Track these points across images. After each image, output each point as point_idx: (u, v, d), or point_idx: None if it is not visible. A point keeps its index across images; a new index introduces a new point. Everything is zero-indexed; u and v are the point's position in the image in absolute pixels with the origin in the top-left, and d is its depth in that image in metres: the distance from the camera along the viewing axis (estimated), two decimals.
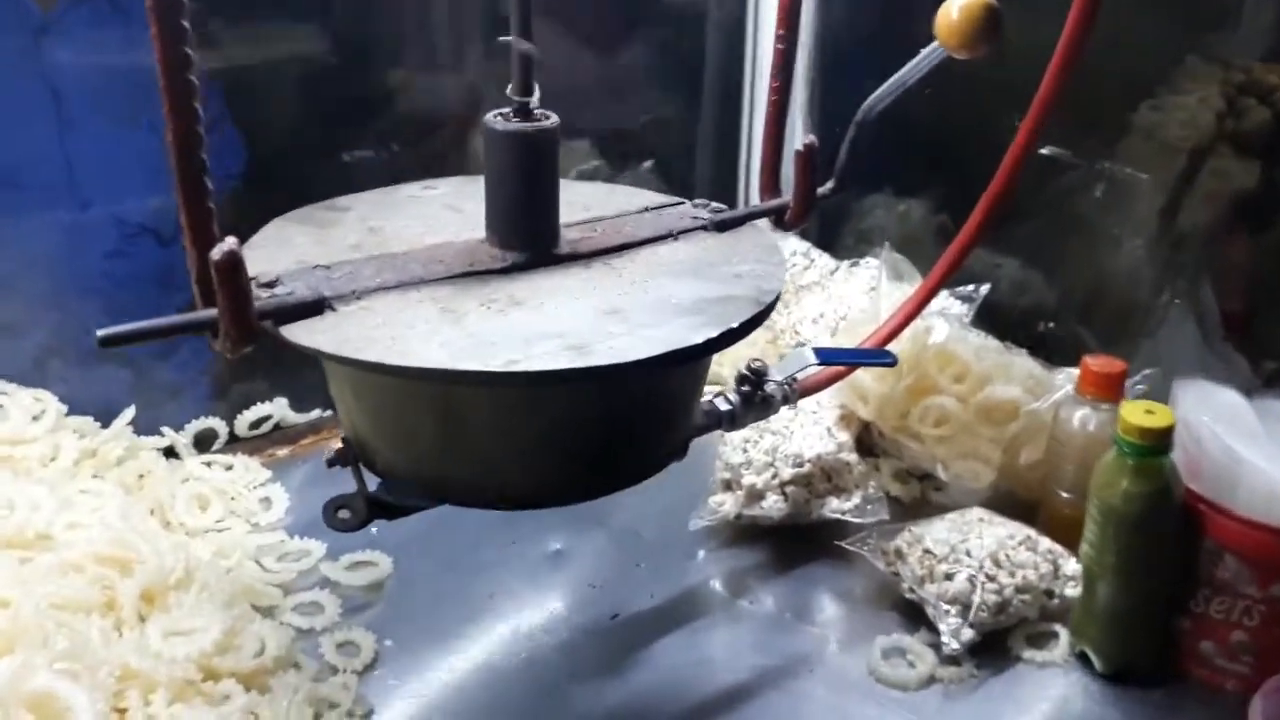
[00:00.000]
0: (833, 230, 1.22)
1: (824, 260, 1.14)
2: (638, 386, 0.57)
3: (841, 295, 1.06)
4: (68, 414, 0.87)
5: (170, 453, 0.93)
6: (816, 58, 1.21)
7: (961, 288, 1.00)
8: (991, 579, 0.78)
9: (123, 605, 0.66)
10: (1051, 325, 1.04)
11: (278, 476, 0.94)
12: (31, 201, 1.08)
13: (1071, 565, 0.81)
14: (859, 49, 1.19)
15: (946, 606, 0.78)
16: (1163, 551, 0.73)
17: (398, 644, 0.77)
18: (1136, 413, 0.71)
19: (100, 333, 0.49)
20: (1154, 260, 1.02)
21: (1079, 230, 1.07)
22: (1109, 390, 0.82)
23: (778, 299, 0.60)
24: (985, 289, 1.01)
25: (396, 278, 0.59)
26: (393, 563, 0.85)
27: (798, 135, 1.16)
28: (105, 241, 1.07)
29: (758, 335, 1.06)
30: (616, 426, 0.59)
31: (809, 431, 0.89)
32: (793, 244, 1.14)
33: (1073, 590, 0.80)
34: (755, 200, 0.75)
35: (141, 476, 0.86)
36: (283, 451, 0.99)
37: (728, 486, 0.90)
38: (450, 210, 0.70)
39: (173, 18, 0.45)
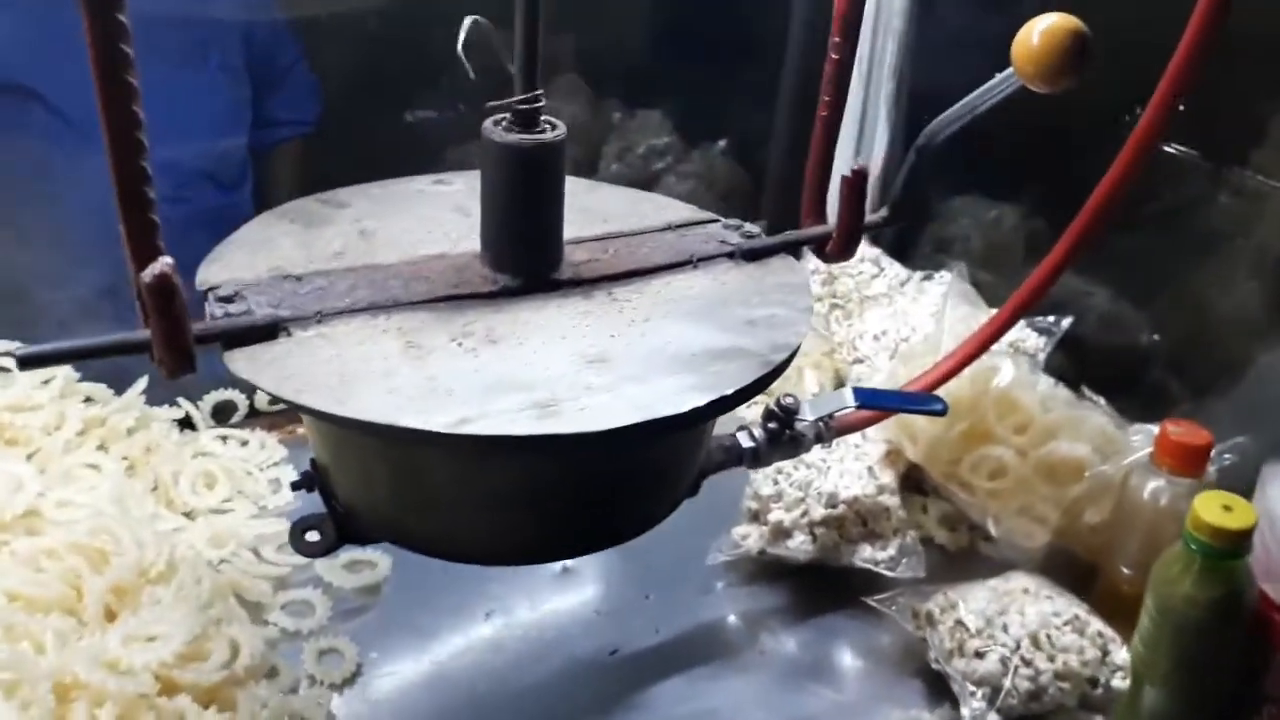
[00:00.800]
0: (909, 235, 1.12)
1: (895, 270, 1.05)
2: (614, 451, 0.51)
3: (908, 313, 0.97)
4: (83, 379, 0.84)
5: (187, 424, 0.90)
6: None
7: (1041, 318, 0.91)
8: (1028, 662, 0.70)
9: (87, 604, 0.64)
10: (1137, 369, 0.93)
11: (293, 456, 0.91)
12: (90, 146, 1.07)
13: (1123, 654, 0.72)
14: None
15: (973, 688, 0.70)
16: (1224, 661, 0.64)
17: (382, 657, 0.74)
18: (1213, 508, 0.61)
19: (17, 353, 0.44)
20: (1270, 305, 0.90)
21: (1190, 257, 0.96)
22: (1189, 465, 0.73)
23: (792, 356, 0.53)
24: (1067, 323, 0.91)
25: (369, 298, 0.53)
26: (391, 565, 0.81)
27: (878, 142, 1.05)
28: (162, 187, 1.06)
29: (813, 346, 1.00)
30: (590, 488, 0.53)
31: (848, 469, 0.82)
32: (863, 249, 1.05)
33: (1121, 682, 0.71)
34: (832, 202, 0.66)
35: (149, 449, 0.84)
36: (302, 428, 0.96)
37: (754, 518, 0.83)
38: (457, 213, 0.64)
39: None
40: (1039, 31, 0.51)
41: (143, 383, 0.86)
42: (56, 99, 1.08)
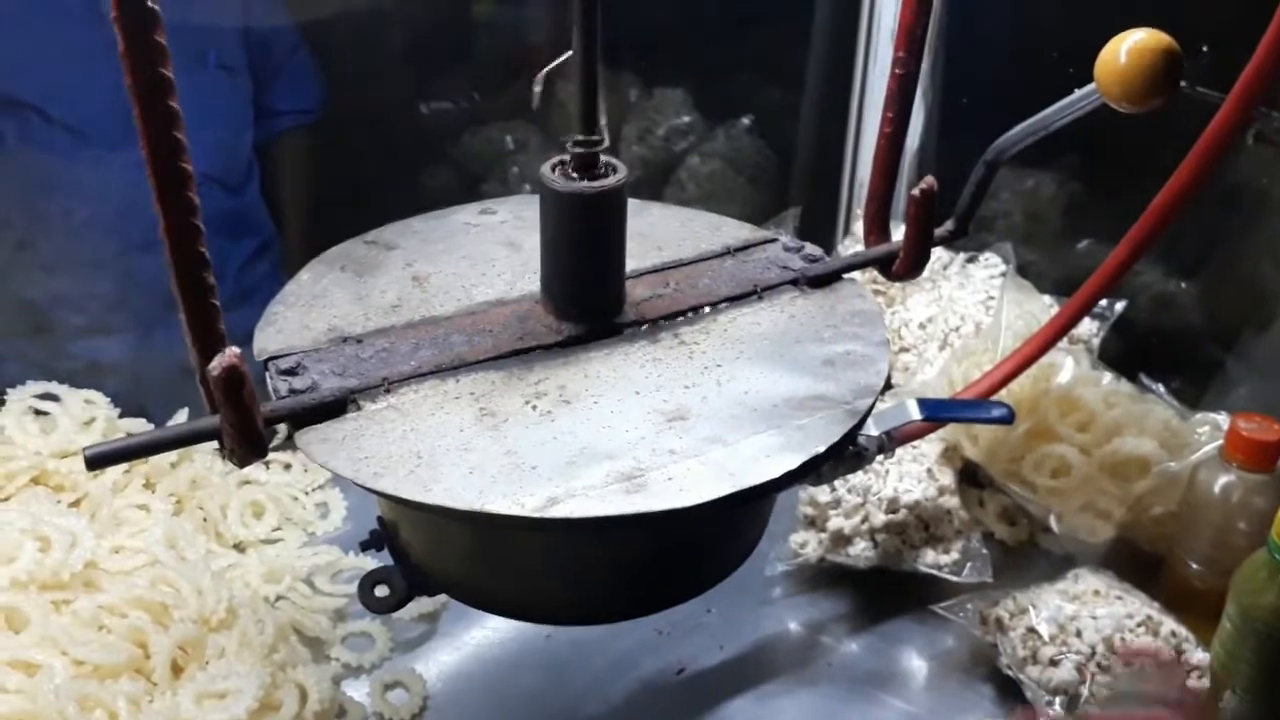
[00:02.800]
0: (949, 216, 1.09)
1: (936, 251, 1.02)
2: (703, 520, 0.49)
3: (954, 299, 0.95)
4: (123, 415, 0.83)
5: None
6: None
7: None
8: (1104, 669, 0.69)
9: (154, 667, 0.63)
10: (1193, 350, 0.91)
11: (338, 479, 0.89)
12: (94, 151, 1.04)
13: (1199, 655, 0.71)
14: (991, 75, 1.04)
15: (1049, 697, 0.70)
16: None
17: (445, 688, 0.73)
18: None
19: (87, 452, 0.43)
20: None
21: (1232, 218, 0.93)
22: (1261, 460, 0.71)
23: (876, 401, 0.51)
24: (1121, 306, 0.89)
25: (435, 359, 0.51)
26: None
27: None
28: None
29: None
30: (675, 551, 0.51)
31: (907, 471, 0.80)
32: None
33: (1196, 682, 0.70)
34: (862, 180, 0.63)
35: (195, 483, 0.83)
36: None
37: (811, 524, 0.82)
38: (507, 247, 0.62)
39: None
40: (1127, 50, 0.48)
41: (183, 415, 0.84)
42: (53, 109, 1.05)
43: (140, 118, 0.38)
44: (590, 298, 0.54)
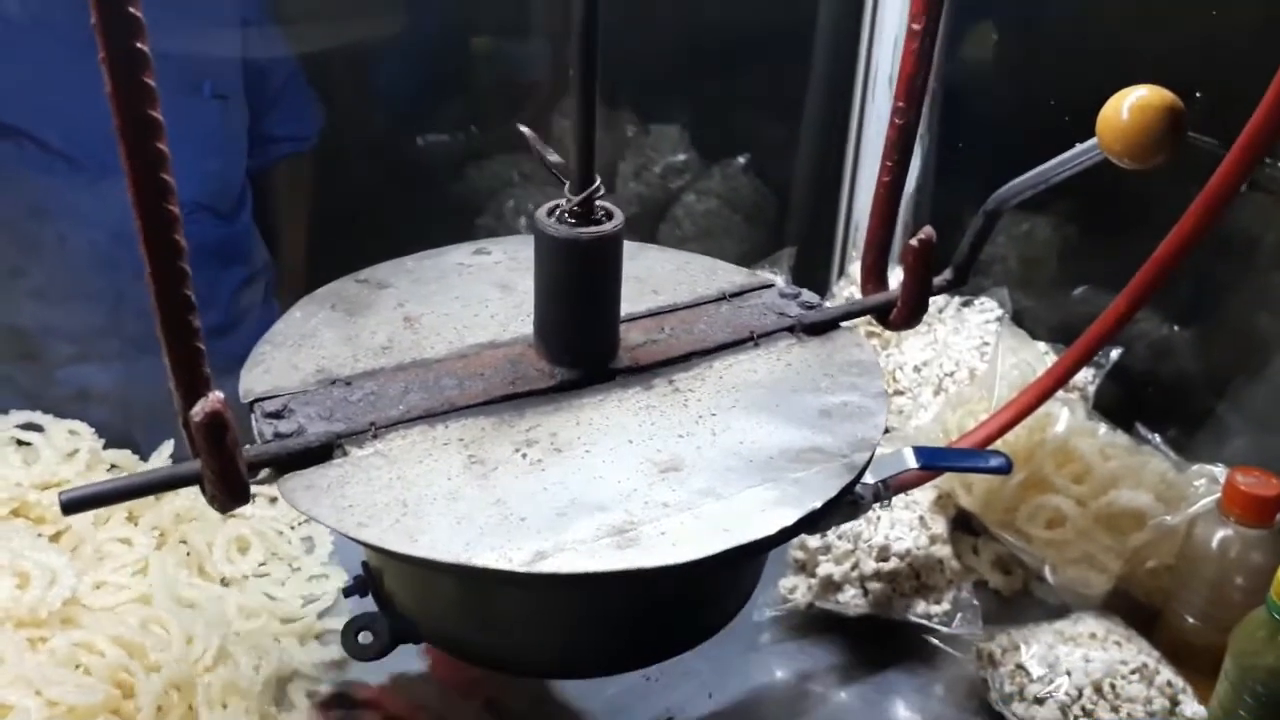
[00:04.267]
0: (944, 261, 1.09)
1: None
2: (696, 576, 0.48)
3: (949, 343, 0.94)
4: (107, 446, 0.82)
5: None
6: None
7: None
8: (1089, 713, 0.68)
9: (141, 706, 0.61)
10: (1189, 398, 0.90)
11: None
12: (82, 179, 1.04)
13: (1193, 706, 0.70)
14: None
15: None
16: None
17: None
18: None
19: (62, 497, 0.42)
20: None
21: (1228, 266, 0.92)
22: (1259, 515, 0.70)
23: (873, 455, 0.50)
24: (1116, 354, 0.88)
25: (424, 402, 0.51)
26: None
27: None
28: None
29: None
30: (668, 606, 0.50)
31: (899, 519, 0.79)
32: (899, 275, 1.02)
33: None
34: (859, 220, 0.63)
35: (178, 516, 0.81)
36: None
37: (801, 568, 0.81)
38: (500, 289, 0.61)
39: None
40: (1129, 106, 0.48)
41: (168, 447, 0.83)
42: (48, 136, 1.04)
43: (126, 160, 0.38)
44: (584, 343, 0.53)
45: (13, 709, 0.58)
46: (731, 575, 0.53)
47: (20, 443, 0.79)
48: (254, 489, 0.87)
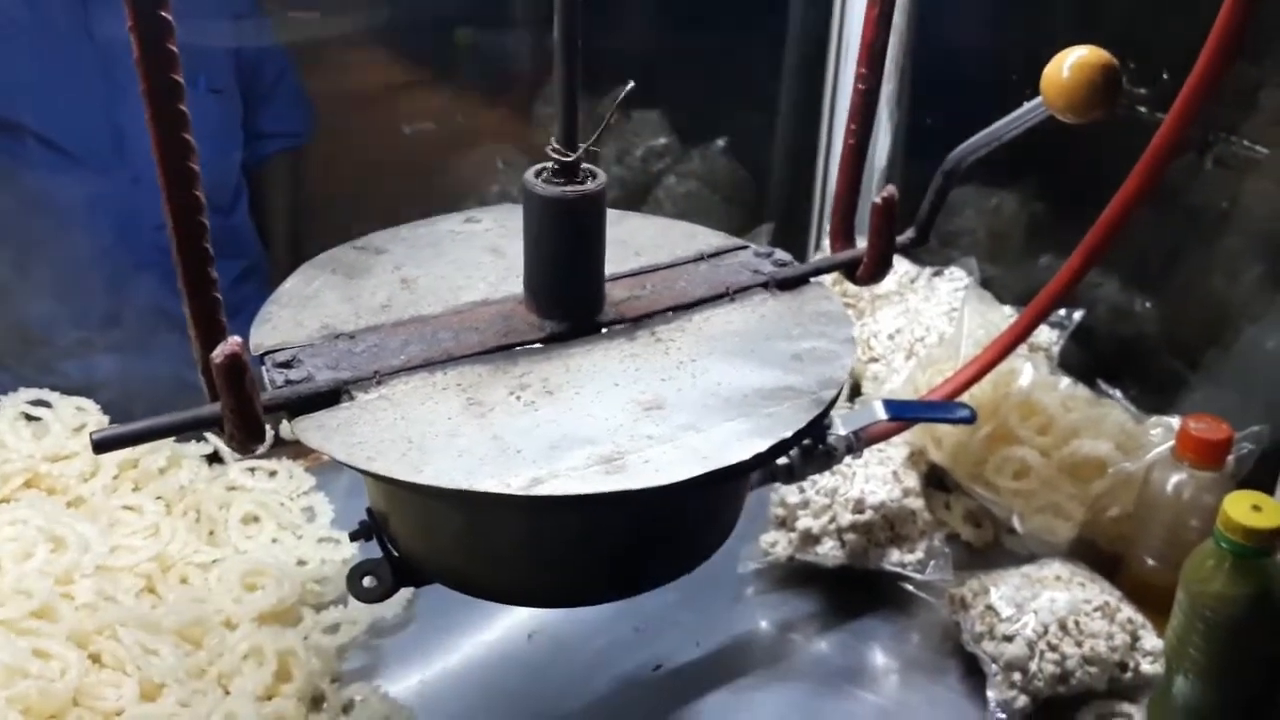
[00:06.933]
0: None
1: (904, 266, 1.06)
2: (679, 499, 0.52)
3: (920, 311, 0.98)
4: (113, 422, 0.85)
5: (215, 458, 0.91)
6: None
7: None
8: (1054, 647, 0.73)
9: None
10: (1148, 358, 0.95)
11: (322, 483, 0.92)
12: (84, 174, 1.07)
13: (1152, 640, 0.74)
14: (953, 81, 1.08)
15: (998, 672, 0.73)
16: (1254, 654, 0.66)
17: (428, 691, 0.75)
18: (1241, 508, 0.63)
19: (94, 435, 0.45)
20: (1272, 286, 0.92)
21: (1187, 234, 0.97)
22: (1210, 458, 0.75)
23: (840, 392, 0.54)
24: (1079, 315, 0.93)
25: (424, 353, 0.54)
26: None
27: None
28: (156, 214, 1.07)
29: None
30: (653, 531, 0.54)
31: (873, 474, 0.83)
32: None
33: (1150, 667, 0.74)
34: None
35: (182, 488, 0.84)
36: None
37: (782, 524, 0.85)
38: (491, 254, 0.65)
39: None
40: (1069, 65, 0.52)
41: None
42: (47, 131, 1.07)
43: (152, 119, 0.41)
44: (571, 297, 0.57)
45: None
46: (712, 504, 0.57)
47: (29, 418, 0.82)
48: (256, 463, 0.91)
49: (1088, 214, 0.74)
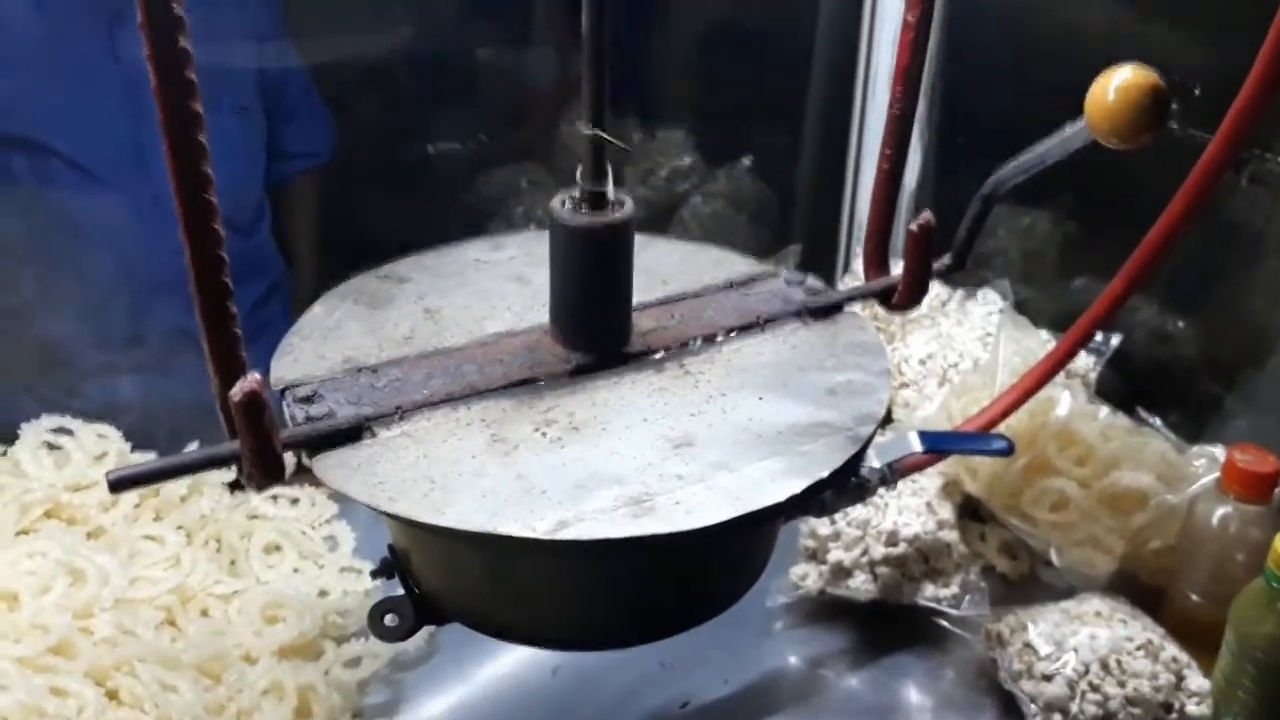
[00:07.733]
0: (947, 251, 1.11)
1: (935, 288, 1.04)
2: (710, 543, 0.50)
3: (953, 336, 0.96)
4: (134, 449, 0.84)
5: (236, 485, 0.90)
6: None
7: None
8: (1095, 688, 0.70)
9: None
10: (1189, 384, 0.92)
11: (344, 511, 0.90)
12: (108, 194, 1.06)
13: (1198, 680, 0.72)
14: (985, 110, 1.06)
15: (1038, 712, 0.70)
16: None
17: None
18: None
19: (110, 476, 0.44)
20: None
21: (1225, 255, 0.94)
22: (1257, 491, 0.72)
23: (878, 429, 0.52)
24: (1116, 340, 0.90)
25: (447, 387, 0.53)
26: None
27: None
28: (174, 238, 1.06)
29: None
30: (684, 575, 0.52)
31: (906, 505, 0.81)
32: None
33: (1196, 709, 0.71)
34: (862, 219, 0.65)
35: (204, 516, 0.83)
36: None
37: (812, 556, 0.83)
38: (516, 282, 0.63)
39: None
40: (1115, 88, 0.50)
41: (193, 446, 0.85)
42: (70, 150, 1.07)
43: (169, 151, 0.40)
44: (598, 328, 0.56)
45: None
46: (743, 546, 0.55)
47: (51, 447, 0.81)
48: (278, 490, 0.90)
49: (1121, 232, 0.72)
